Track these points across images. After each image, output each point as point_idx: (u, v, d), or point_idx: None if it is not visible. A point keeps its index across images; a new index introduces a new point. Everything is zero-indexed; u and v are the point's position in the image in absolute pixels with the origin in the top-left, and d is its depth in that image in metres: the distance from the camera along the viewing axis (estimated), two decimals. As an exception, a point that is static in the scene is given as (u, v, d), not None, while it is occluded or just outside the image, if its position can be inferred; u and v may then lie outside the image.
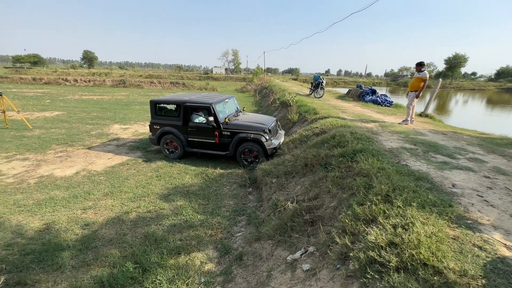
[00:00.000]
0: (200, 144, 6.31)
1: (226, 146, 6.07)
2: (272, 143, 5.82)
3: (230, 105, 6.91)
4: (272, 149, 5.76)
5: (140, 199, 4.44)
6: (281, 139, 6.33)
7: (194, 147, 6.39)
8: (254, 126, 5.91)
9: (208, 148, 6.29)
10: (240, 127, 5.95)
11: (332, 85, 53.29)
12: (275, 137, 6.29)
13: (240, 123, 6.05)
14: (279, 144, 5.99)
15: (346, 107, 9.44)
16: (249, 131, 5.85)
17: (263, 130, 5.78)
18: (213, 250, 3.25)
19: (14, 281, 2.63)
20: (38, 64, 58.02)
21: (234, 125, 5.98)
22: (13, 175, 5.25)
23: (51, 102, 15.00)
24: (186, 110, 6.18)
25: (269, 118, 6.68)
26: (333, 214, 2.82)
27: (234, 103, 7.19)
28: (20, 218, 3.80)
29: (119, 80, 30.40)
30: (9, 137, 7.77)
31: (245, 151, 5.92)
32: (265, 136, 5.73)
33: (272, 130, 6.07)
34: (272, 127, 6.17)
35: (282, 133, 6.80)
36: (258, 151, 5.80)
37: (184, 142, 6.33)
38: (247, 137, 5.78)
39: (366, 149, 3.69)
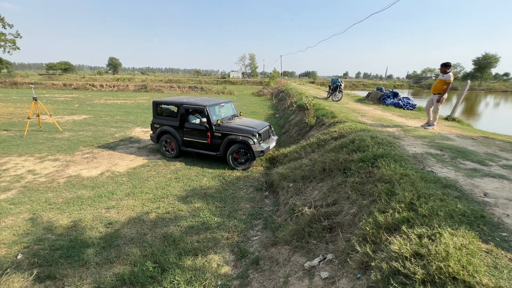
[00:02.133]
0: (194, 144, 6.65)
1: (217, 147, 6.32)
2: (260, 146, 6.03)
3: (226, 109, 7.24)
4: (259, 152, 5.92)
5: (159, 200, 4.57)
6: (272, 144, 6.55)
7: (189, 146, 6.73)
8: (243, 129, 6.13)
9: (201, 148, 6.60)
10: (231, 130, 6.18)
11: (351, 88, 52.04)
12: (266, 141, 6.49)
13: (231, 126, 6.28)
14: (267, 148, 6.19)
15: (366, 111, 9.17)
16: (239, 133, 6.08)
17: (252, 133, 5.99)
18: (229, 253, 3.26)
19: (45, 274, 2.79)
20: (68, 70, 62.15)
21: (225, 127, 6.24)
22: (45, 175, 5.62)
23: (79, 106, 15.96)
24: (183, 111, 6.57)
25: (262, 123, 6.88)
26: (352, 221, 2.73)
27: (231, 107, 7.55)
28: (50, 215, 4.05)
29: (141, 85, 31.76)
30: (42, 139, 8.35)
31: (236, 152, 6.13)
32: (252, 139, 5.93)
33: (262, 134, 6.32)
34: (263, 131, 6.41)
35: (275, 138, 7.02)
36: (246, 153, 6.05)
37: (180, 141, 6.72)
38: (236, 139, 6.03)
39: (388, 154, 3.55)
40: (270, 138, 6.79)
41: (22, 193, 4.75)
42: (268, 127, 6.79)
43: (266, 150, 6.09)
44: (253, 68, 76.04)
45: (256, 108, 17.30)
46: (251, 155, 6.00)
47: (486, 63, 50.98)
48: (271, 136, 6.90)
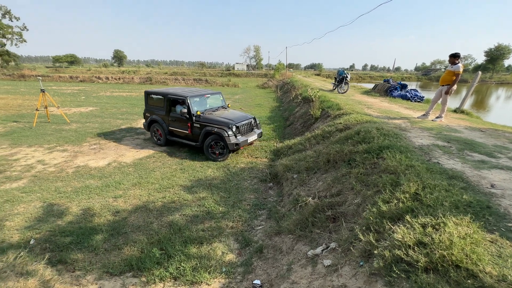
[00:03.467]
0: (177, 134, 6.84)
1: (197, 137, 6.39)
2: (236, 139, 5.96)
3: (213, 101, 7.28)
4: (233, 144, 5.88)
5: (165, 190, 4.65)
6: (252, 137, 6.49)
7: (173, 136, 6.96)
8: (221, 121, 6.12)
9: (183, 138, 6.76)
10: (209, 121, 6.21)
11: (357, 80, 51.18)
12: (246, 134, 6.42)
13: (210, 117, 6.30)
14: (245, 141, 6.15)
15: (372, 103, 9.04)
16: (215, 125, 6.08)
17: (228, 126, 5.96)
18: (234, 242, 3.32)
19: (56, 259, 2.90)
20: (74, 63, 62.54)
21: (204, 119, 6.29)
22: (54, 165, 5.75)
23: (85, 99, 16.12)
24: (169, 101, 6.76)
25: (245, 116, 6.79)
26: (356, 211, 2.74)
27: (219, 99, 7.55)
28: (60, 203, 4.17)
29: (146, 78, 31.80)
30: (50, 130, 8.50)
31: (211, 144, 6.13)
32: (227, 131, 5.89)
33: (241, 127, 6.23)
34: (242, 124, 6.31)
35: (258, 131, 6.90)
36: (221, 144, 6.04)
37: (166, 130, 6.94)
38: (211, 131, 6.04)
39: (394, 146, 3.52)
40: (252, 131, 6.74)
41: (32, 182, 4.88)
42: (251, 120, 6.75)
43: (242, 143, 6.06)
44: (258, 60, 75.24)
45: (260, 100, 17.20)
46: (226, 147, 6.00)
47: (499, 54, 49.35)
48: (254, 129, 6.83)
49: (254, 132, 6.71)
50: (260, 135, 6.91)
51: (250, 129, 6.68)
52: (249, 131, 6.62)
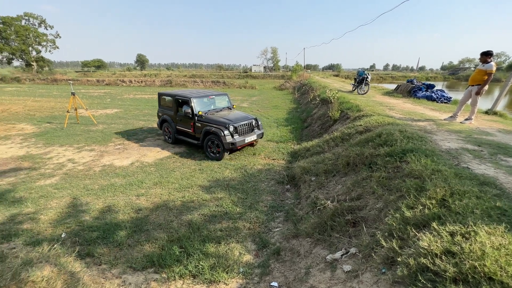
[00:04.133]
0: (183, 133, 7.27)
1: (199, 136, 6.68)
2: (232, 139, 6.10)
3: (218, 102, 7.55)
4: (229, 144, 6.02)
5: (184, 190, 4.78)
6: (251, 138, 6.59)
7: (180, 134, 7.42)
8: (219, 121, 6.34)
9: (187, 136, 7.19)
10: (210, 121, 6.47)
11: (378, 80, 49.49)
12: (245, 135, 6.52)
13: (211, 117, 6.57)
14: (242, 141, 6.26)
15: (394, 104, 8.71)
16: (214, 125, 6.32)
17: (225, 126, 6.14)
18: (251, 243, 3.34)
19: (85, 252, 3.08)
20: (101, 67, 66.13)
21: (206, 119, 6.58)
22: (83, 163, 6.12)
23: (111, 101, 17.00)
24: (176, 102, 7.23)
25: (245, 116, 6.89)
26: (378, 216, 2.65)
27: (225, 100, 7.79)
28: (88, 199, 4.43)
29: (167, 80, 32.93)
30: (79, 131, 9.06)
31: (209, 143, 6.40)
32: (223, 131, 6.04)
33: (239, 127, 6.36)
34: (241, 125, 6.44)
35: (259, 132, 6.93)
36: (218, 143, 6.22)
37: (174, 129, 7.44)
38: (210, 130, 6.28)
39: (418, 149, 3.37)
40: (252, 131, 6.80)
41: (64, 180, 5.23)
42: (252, 121, 6.83)
43: (239, 142, 6.17)
44: (275, 62, 75.17)
45: (278, 102, 17.17)
46: (222, 146, 6.14)
47: (537, 51, 45.51)
48: (254, 130, 6.89)
49: (254, 133, 6.78)
50: (260, 135, 6.99)
51: (250, 129, 6.75)
52: (248, 131, 6.70)
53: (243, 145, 6.49)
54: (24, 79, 34.12)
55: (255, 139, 6.82)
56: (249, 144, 6.79)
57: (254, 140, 6.84)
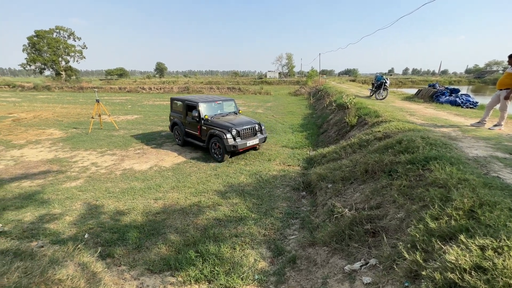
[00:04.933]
0: (191, 135, 7.71)
1: (205, 138, 7.05)
2: (234, 142, 6.39)
3: (225, 107, 7.94)
4: (231, 146, 6.31)
5: (200, 194, 4.84)
6: (253, 141, 6.85)
7: (188, 137, 7.82)
8: (223, 125, 6.64)
9: (194, 138, 7.58)
10: (214, 124, 6.81)
11: (397, 85, 48.02)
12: (247, 138, 6.77)
13: (216, 121, 6.91)
14: (243, 144, 6.55)
15: (415, 109, 8.39)
16: (217, 128, 6.63)
17: (228, 129, 6.42)
18: (266, 250, 3.31)
19: (106, 253, 3.20)
20: (123, 75, 69.42)
21: (211, 122, 6.93)
22: (105, 167, 6.40)
23: (131, 107, 17.74)
24: (186, 106, 7.64)
25: (249, 121, 7.16)
26: (399, 226, 2.54)
27: (232, 105, 8.14)
28: (109, 202, 4.61)
29: (184, 87, 33.90)
30: (102, 136, 9.51)
31: (213, 145, 6.74)
32: (226, 134, 6.34)
33: (242, 131, 6.62)
34: (244, 129, 6.70)
35: (261, 136, 7.17)
36: (221, 146, 6.50)
37: (183, 132, 7.88)
38: (213, 133, 6.61)
39: (442, 156, 3.21)
40: (255, 136, 7.03)
41: (87, 182, 5.49)
42: (255, 126, 7.05)
43: (241, 145, 6.46)
44: (290, 67, 75.26)
45: (293, 107, 17.11)
46: (223, 148, 6.41)
47: None
48: (257, 134, 7.11)
49: (256, 137, 7.02)
50: (263, 140, 7.24)
51: (252, 133, 6.99)
52: (251, 135, 6.94)
53: (245, 148, 6.73)
54: (53, 87, 36.52)
55: (258, 143, 7.07)
56: (251, 147, 7.03)
57: (257, 144, 7.07)
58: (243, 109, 16.29)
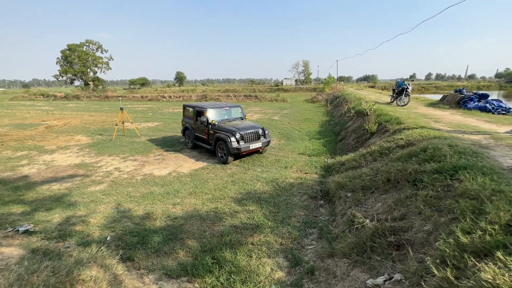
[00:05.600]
0: (200, 139, 8.26)
1: (212, 142, 7.55)
2: (238, 145, 6.83)
3: (232, 113, 8.49)
4: (234, 149, 6.77)
5: (217, 201, 4.88)
6: (256, 145, 7.24)
7: (198, 140, 8.41)
8: (228, 129, 7.15)
9: (203, 142, 8.13)
10: (220, 129, 7.32)
11: (420, 91, 46.19)
12: (250, 142, 7.18)
13: (222, 126, 7.43)
14: (246, 147, 6.97)
15: (440, 116, 7.99)
16: (222, 132, 7.14)
17: (232, 133, 6.90)
18: (283, 259, 3.24)
19: (126, 256, 3.28)
20: (145, 85, 72.78)
21: (218, 127, 7.45)
22: (127, 172, 6.66)
23: (152, 115, 18.46)
24: (196, 112, 8.25)
25: (253, 126, 7.57)
26: (426, 240, 2.38)
27: (238, 111, 8.70)
28: (130, 206, 4.76)
29: (202, 95, 34.83)
30: (125, 142, 9.94)
31: (219, 148, 7.22)
32: (230, 138, 6.81)
33: (245, 135, 7.06)
34: (247, 133, 7.14)
35: (264, 140, 7.54)
36: (225, 148, 6.97)
37: (193, 136, 8.48)
38: (220, 137, 7.07)
39: (473, 166, 3.00)
40: (259, 140, 7.42)
41: (110, 186, 5.73)
42: (258, 130, 7.46)
43: (244, 148, 6.88)
44: (306, 74, 75.01)
45: (309, 114, 16.94)
46: (227, 151, 6.84)
47: None
48: (261, 138, 7.49)
49: (259, 141, 7.42)
50: (266, 143, 7.61)
51: (256, 137, 7.39)
52: (255, 139, 7.34)
53: (248, 151, 7.11)
54: (82, 96, 39.02)
55: (261, 146, 7.46)
56: (254, 150, 7.39)
57: (260, 147, 7.46)
58: (259, 116, 16.40)
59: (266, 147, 7.94)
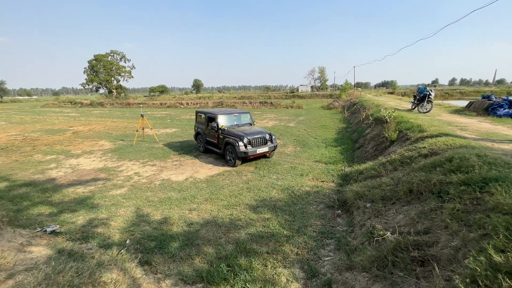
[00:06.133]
0: (211, 143, 8.67)
1: (221, 146, 7.90)
2: (245, 149, 7.18)
3: (241, 119, 8.86)
4: (242, 153, 7.12)
5: (232, 207, 4.89)
6: (262, 149, 7.56)
7: (209, 144, 8.83)
8: (236, 134, 7.50)
9: (213, 146, 8.52)
10: (229, 134, 7.69)
11: (443, 97, 44.19)
12: (257, 146, 7.50)
13: (231, 131, 7.80)
14: (253, 151, 7.30)
15: (467, 123, 7.58)
16: (231, 137, 7.51)
17: (240, 138, 7.26)
18: (299, 270, 3.16)
19: (144, 260, 3.36)
20: (164, 92, 75.55)
21: (227, 132, 7.84)
22: (146, 177, 6.87)
23: (170, 121, 19.03)
24: (207, 118, 8.72)
25: (260, 131, 7.91)
26: (454, 257, 2.24)
27: (247, 118, 9.04)
28: (149, 210, 4.89)
29: (218, 102, 35.49)
30: (145, 147, 10.30)
31: (228, 152, 7.61)
32: (238, 142, 7.17)
33: (253, 140, 7.41)
34: (254, 138, 7.48)
35: (271, 145, 7.81)
36: (233, 152, 7.36)
37: (205, 140, 8.95)
38: (228, 141, 7.49)
39: (506, 178, 2.80)
40: (265, 144, 7.73)
41: (130, 191, 5.93)
42: (265, 136, 7.79)
43: (251, 152, 7.22)
44: (322, 81, 74.40)
45: (326, 121, 16.71)
46: (235, 155, 7.20)
47: None
48: (267, 143, 7.78)
49: (266, 146, 7.73)
50: (273, 148, 7.89)
51: (263, 142, 7.71)
52: (262, 144, 7.67)
53: (255, 155, 7.45)
54: (106, 103, 41.15)
55: (267, 151, 7.78)
56: (261, 155, 7.72)
57: (266, 152, 7.78)
58: (274, 123, 16.40)
59: (273, 152, 8.17)
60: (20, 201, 5.38)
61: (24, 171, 7.50)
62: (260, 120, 17.66)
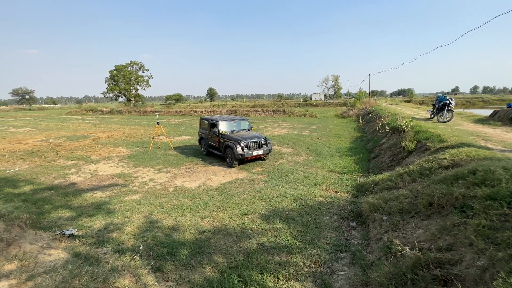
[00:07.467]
0: (213, 147, 9.56)
1: (222, 149, 8.82)
2: (242, 152, 8.02)
3: (241, 124, 9.83)
4: (239, 155, 7.98)
5: (244, 216, 4.86)
6: (258, 152, 8.40)
7: (211, 148, 9.73)
8: (234, 138, 8.37)
9: (215, 149, 9.42)
10: (229, 138, 8.57)
11: (464, 105, 42.43)
12: (253, 149, 8.35)
13: (230, 135, 8.70)
14: (249, 154, 8.16)
15: (491, 134, 7.20)
16: (230, 141, 8.40)
17: (238, 141, 8.13)
18: (312, 284, 3.06)
19: (156, 267, 3.38)
20: (179, 100, 77.65)
21: (226, 136, 8.74)
22: (160, 183, 7.00)
23: (185, 129, 19.46)
24: (210, 124, 9.69)
25: (256, 136, 8.79)
26: (480, 277, 2.08)
27: (246, 124, 10.02)
28: (162, 217, 4.96)
29: (232, 110, 35.99)
30: (159, 154, 10.55)
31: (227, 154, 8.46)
32: (235, 145, 8.05)
33: (249, 143, 8.25)
34: (251, 142, 8.33)
35: (266, 148, 8.69)
36: (231, 154, 8.18)
37: (207, 144, 9.90)
38: (228, 145, 8.36)
39: (537, 193, 2.61)
40: (261, 148, 8.57)
41: (145, 197, 6.05)
42: (261, 140, 8.64)
43: (247, 155, 8.09)
44: (336, 89, 73.78)
45: (340, 130, 16.44)
46: (233, 156, 8.04)
47: None
48: (263, 147, 8.64)
49: (261, 149, 8.59)
50: (267, 151, 8.76)
51: (258, 146, 8.55)
52: (257, 147, 8.51)
53: (251, 157, 8.32)
54: (124, 111, 42.81)
55: (262, 153, 8.63)
56: (257, 157, 8.58)
57: (262, 154, 8.63)
58: (287, 131, 16.34)
59: (268, 155, 9.12)
60: (42, 204, 5.63)
61: (48, 175, 7.88)
62: (273, 129, 17.65)
